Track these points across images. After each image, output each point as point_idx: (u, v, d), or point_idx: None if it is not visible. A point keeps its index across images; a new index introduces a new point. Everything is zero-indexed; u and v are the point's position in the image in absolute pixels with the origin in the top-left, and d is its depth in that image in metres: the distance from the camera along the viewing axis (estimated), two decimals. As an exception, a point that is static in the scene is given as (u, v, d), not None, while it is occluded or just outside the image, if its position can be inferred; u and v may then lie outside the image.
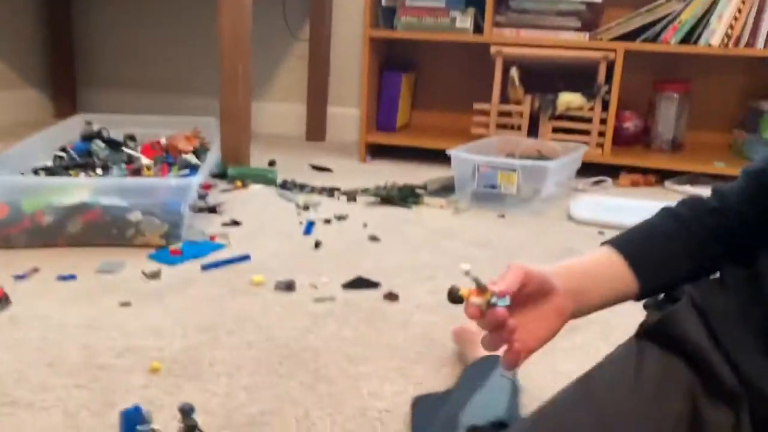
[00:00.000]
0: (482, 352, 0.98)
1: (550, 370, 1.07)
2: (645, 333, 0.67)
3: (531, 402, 0.93)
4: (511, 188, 1.97)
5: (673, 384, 0.61)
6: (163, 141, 2.05)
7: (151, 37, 3.21)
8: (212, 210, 1.86)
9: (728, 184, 0.71)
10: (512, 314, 0.59)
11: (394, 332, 1.21)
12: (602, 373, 0.66)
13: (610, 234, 0.75)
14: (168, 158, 1.96)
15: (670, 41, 2.33)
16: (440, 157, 2.13)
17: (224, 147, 2.26)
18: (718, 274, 0.68)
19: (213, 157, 1.88)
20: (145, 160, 1.92)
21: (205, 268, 1.46)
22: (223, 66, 2.18)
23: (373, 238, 1.70)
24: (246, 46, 2.19)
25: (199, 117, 2.34)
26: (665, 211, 0.71)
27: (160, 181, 1.65)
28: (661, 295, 0.71)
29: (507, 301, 0.59)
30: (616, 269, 0.67)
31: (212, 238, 1.64)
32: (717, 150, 2.54)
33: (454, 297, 0.60)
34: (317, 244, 1.62)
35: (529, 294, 0.61)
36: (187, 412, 0.76)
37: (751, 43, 2.26)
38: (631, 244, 0.68)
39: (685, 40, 2.32)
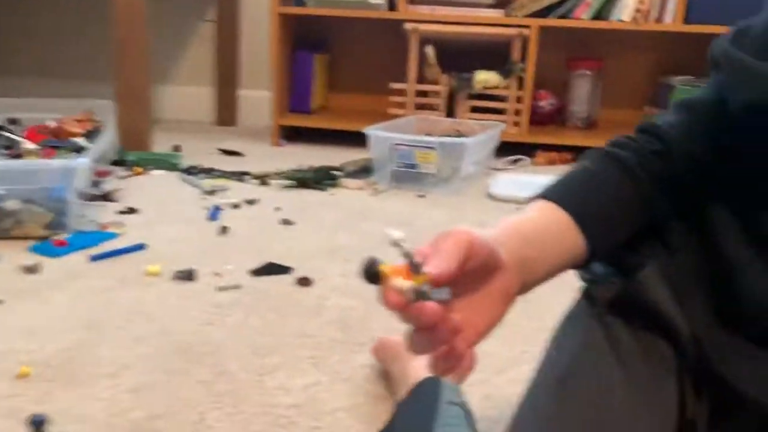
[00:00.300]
0: (412, 371, 0.81)
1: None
2: (608, 306, 0.56)
3: (488, 426, 0.82)
4: (430, 167, 1.90)
5: (659, 363, 0.52)
6: (51, 124, 1.86)
7: (47, 21, 2.94)
8: (107, 197, 1.69)
9: (661, 119, 0.57)
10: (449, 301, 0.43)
11: (306, 319, 1.10)
12: (574, 368, 0.54)
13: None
14: (55, 142, 1.77)
15: (583, 17, 2.31)
16: (358, 140, 2.03)
17: (122, 131, 2.08)
18: (668, 232, 0.57)
19: (105, 139, 1.71)
20: (28, 145, 1.72)
21: (93, 259, 1.31)
22: (116, 40, 2.00)
23: (286, 222, 1.59)
24: (141, 18, 2.01)
25: (96, 101, 2.14)
26: (604, 156, 0.56)
27: (41, 163, 1.47)
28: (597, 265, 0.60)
29: (447, 293, 0.42)
30: (564, 229, 0.52)
31: (104, 227, 1.48)
32: (630, 127, 2.45)
33: (370, 273, 0.42)
34: (223, 230, 1.49)
35: (471, 272, 0.44)
36: (36, 424, 0.62)
37: (660, 18, 2.28)
38: (575, 197, 0.53)
39: (597, 17, 2.31)
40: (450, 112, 2.40)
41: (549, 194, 0.54)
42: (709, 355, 0.50)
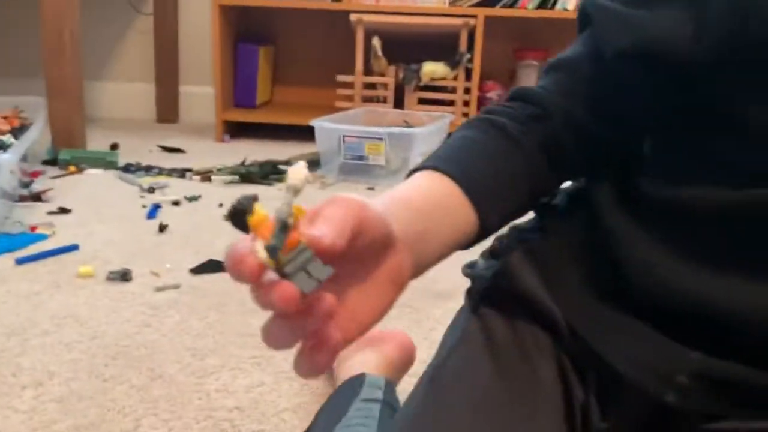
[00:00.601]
0: (351, 367, 0.77)
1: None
2: (481, 298, 0.52)
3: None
4: (379, 158, 1.86)
5: (534, 350, 0.49)
6: (-27, 122, 1.74)
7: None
8: (37, 198, 1.59)
9: (534, 87, 0.52)
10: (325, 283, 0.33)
11: (248, 318, 1.05)
12: (446, 364, 0.50)
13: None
14: (-21, 141, 1.66)
15: (528, 6, 2.31)
16: (305, 134, 1.98)
17: (54, 128, 1.97)
18: (546, 209, 0.53)
19: (32, 134, 1.61)
20: (-53, 144, 1.61)
21: (20, 261, 1.22)
22: (45, 32, 1.89)
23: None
24: (73, 9, 1.91)
25: (25, 97, 2.03)
26: (484, 122, 0.50)
27: (-41, 162, 1.37)
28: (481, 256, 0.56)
29: (328, 272, 0.32)
30: (455, 202, 0.45)
31: (33, 228, 1.39)
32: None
33: (237, 217, 0.32)
34: (162, 228, 1.42)
35: (359, 251, 0.35)
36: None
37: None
38: (461, 167, 0.46)
39: (543, 6, 2.31)
40: (398, 104, 2.36)
41: (433, 164, 0.47)
42: (584, 336, 0.47)
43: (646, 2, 0.44)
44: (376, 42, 2.32)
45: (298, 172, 0.31)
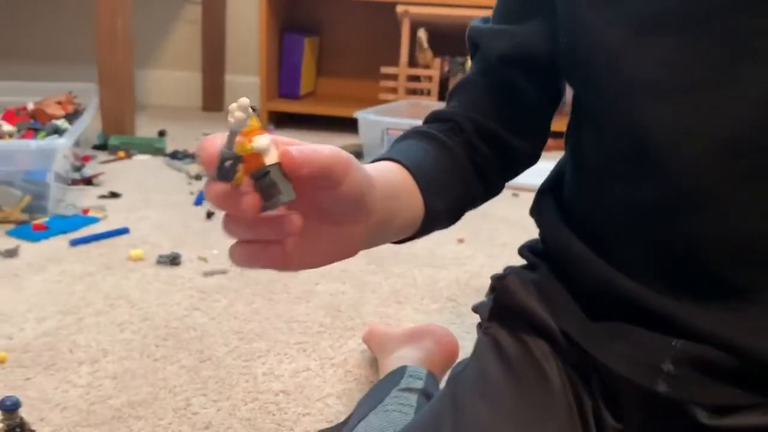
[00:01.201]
0: (393, 361, 0.81)
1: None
2: (489, 318, 0.58)
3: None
4: (422, 152, 1.86)
5: (541, 359, 0.53)
6: (30, 106, 1.79)
7: (28, 2, 2.87)
8: (88, 182, 1.64)
9: (443, 108, 0.57)
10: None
11: (294, 305, 1.06)
12: (463, 376, 0.55)
13: (525, 196, 0.63)
14: (35, 124, 1.71)
15: None
16: (348, 125, 1.99)
17: (105, 114, 2.02)
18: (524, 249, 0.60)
19: (86, 120, 1.65)
20: (6, 127, 1.66)
21: (74, 243, 1.26)
22: (98, 20, 1.94)
23: (274, 207, 1.54)
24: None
25: (78, 84, 2.08)
26: (418, 134, 0.55)
27: (18, 144, 1.41)
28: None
29: (293, 194, 0.33)
30: (412, 188, 0.49)
31: (85, 211, 1.43)
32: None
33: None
34: (209, 215, 1.45)
35: (333, 199, 0.37)
36: (8, 408, 0.58)
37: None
38: (411, 160, 0.50)
39: None
40: (442, 97, 2.36)
41: (389, 156, 0.50)
42: (579, 341, 0.52)
43: (515, 19, 0.54)
44: (422, 34, 2.32)
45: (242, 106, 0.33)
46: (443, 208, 0.51)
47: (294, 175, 0.33)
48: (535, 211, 0.58)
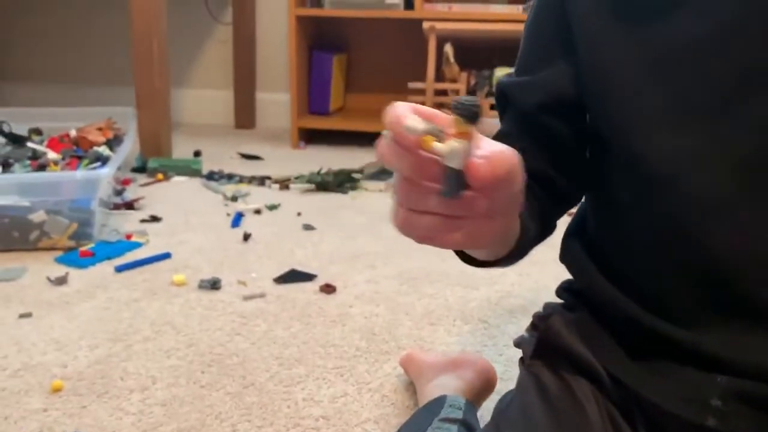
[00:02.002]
0: (428, 392, 0.82)
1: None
2: (532, 356, 0.60)
3: None
4: (451, 168, 1.89)
5: (582, 398, 0.55)
6: (72, 133, 1.87)
7: (62, 25, 2.97)
8: (130, 206, 1.70)
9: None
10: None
11: (331, 328, 1.10)
12: (507, 412, 0.58)
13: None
14: (78, 151, 1.79)
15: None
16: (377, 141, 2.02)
17: (143, 137, 2.09)
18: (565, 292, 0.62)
19: (127, 147, 1.72)
20: (52, 155, 1.74)
21: (119, 269, 1.32)
22: (135, 45, 2.01)
23: (308, 227, 1.59)
24: (160, 20, 2.02)
25: (116, 108, 2.16)
26: None
27: (64, 174, 1.49)
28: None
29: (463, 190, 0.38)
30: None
31: (128, 236, 1.49)
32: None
33: (465, 113, 0.36)
34: (246, 237, 1.50)
35: (500, 195, 0.40)
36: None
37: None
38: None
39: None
40: (469, 111, 2.38)
41: None
42: (624, 380, 0.53)
43: (542, 67, 0.57)
44: (448, 49, 2.35)
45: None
46: (534, 234, 0.55)
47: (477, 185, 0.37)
48: (564, 256, 0.61)
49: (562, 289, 0.63)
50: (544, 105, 0.56)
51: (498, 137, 0.59)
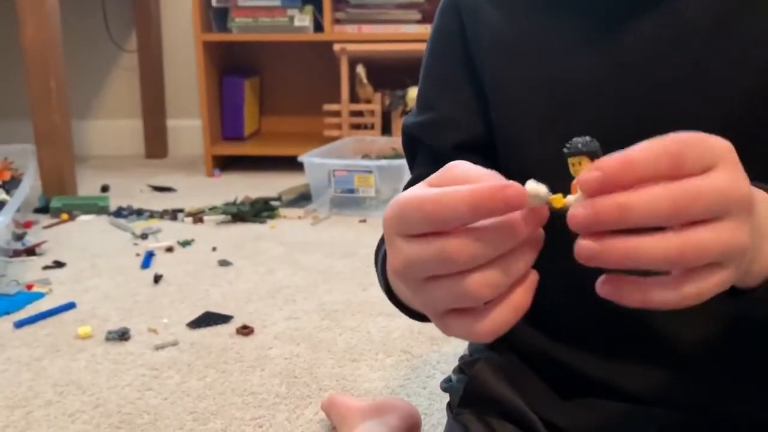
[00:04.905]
0: None
1: None
2: (460, 404, 0.59)
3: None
4: (370, 190, 1.88)
5: None
6: (-36, 177, 1.75)
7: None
8: (31, 252, 1.60)
9: None
10: None
11: (248, 374, 1.06)
12: None
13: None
14: (-30, 197, 1.67)
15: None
16: (295, 164, 1.98)
17: (44, 175, 1.98)
18: None
19: (25, 188, 1.62)
20: (-60, 202, 1.62)
21: (19, 324, 1.23)
22: (30, 80, 1.90)
23: (224, 263, 1.53)
24: (57, 56, 1.92)
25: (12, 145, 2.04)
26: None
27: (-47, 226, 1.38)
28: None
29: None
30: None
31: (30, 286, 1.40)
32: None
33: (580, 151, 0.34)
34: (157, 279, 1.43)
35: None
36: None
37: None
38: None
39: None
40: (386, 130, 2.38)
41: None
42: (557, 423, 0.53)
43: (439, 105, 0.55)
44: (360, 70, 2.35)
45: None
46: None
47: None
48: None
49: None
50: (461, 143, 0.54)
51: (414, 182, 0.58)
